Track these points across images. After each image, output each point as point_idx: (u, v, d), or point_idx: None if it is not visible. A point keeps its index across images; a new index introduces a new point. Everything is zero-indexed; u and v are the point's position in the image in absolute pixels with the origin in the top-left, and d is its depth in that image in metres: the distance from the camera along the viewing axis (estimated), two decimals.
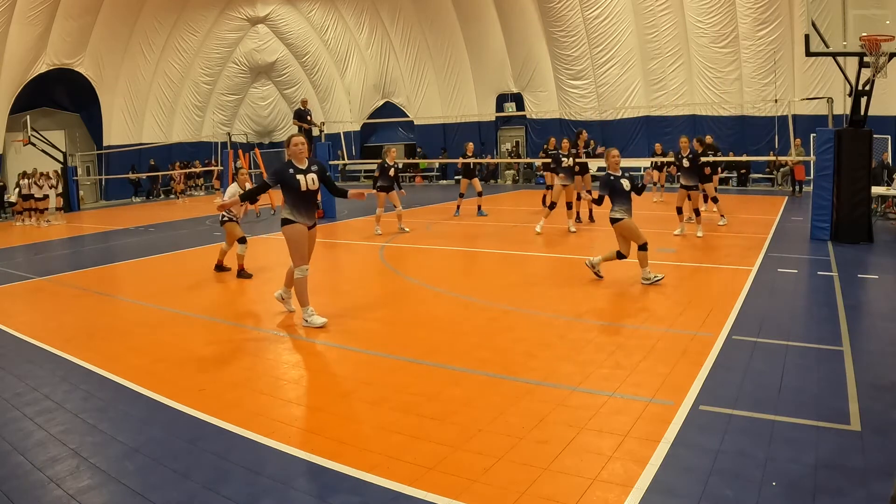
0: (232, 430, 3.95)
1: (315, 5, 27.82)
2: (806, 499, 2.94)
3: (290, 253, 6.16)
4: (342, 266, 9.85)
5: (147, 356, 5.55)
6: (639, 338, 5.45)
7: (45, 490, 3.31)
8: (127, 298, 8.07)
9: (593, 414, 3.94)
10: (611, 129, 22.33)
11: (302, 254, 6.13)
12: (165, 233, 14.53)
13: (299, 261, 6.13)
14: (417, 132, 27.35)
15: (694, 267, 8.24)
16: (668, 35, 20.44)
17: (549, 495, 3.05)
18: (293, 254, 6.15)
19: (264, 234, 13.58)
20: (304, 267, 6.16)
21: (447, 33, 25.14)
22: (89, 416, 4.28)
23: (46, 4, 21.03)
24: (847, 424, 3.66)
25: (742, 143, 19.57)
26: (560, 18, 22.07)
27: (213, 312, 7.02)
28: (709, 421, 3.77)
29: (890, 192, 11.91)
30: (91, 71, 23.98)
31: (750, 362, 4.74)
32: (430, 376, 4.78)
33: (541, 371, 4.77)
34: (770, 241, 9.94)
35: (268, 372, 5.09)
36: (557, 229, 12.12)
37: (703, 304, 6.43)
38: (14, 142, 22.21)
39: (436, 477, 3.26)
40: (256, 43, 28.38)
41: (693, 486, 3.08)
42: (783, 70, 18.08)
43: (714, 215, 12.24)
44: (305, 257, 6.17)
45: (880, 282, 7.37)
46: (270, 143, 30.32)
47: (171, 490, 3.26)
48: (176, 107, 27.20)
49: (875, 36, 9.07)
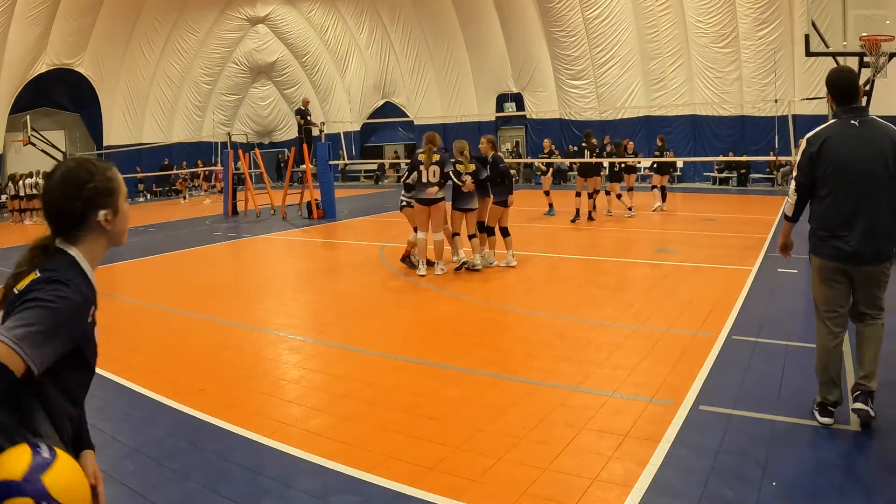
0: (232, 430, 3.95)
1: (315, 5, 27.82)
2: (806, 499, 2.94)
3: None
4: (342, 266, 9.85)
5: (147, 356, 5.56)
6: (639, 338, 5.45)
7: None
8: (127, 298, 8.07)
9: (593, 414, 3.94)
10: (611, 129, 22.24)
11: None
12: (166, 233, 14.53)
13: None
14: (417, 132, 27.36)
15: (694, 267, 8.24)
16: (668, 35, 20.43)
17: (549, 495, 3.05)
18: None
19: (264, 234, 13.59)
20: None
21: (447, 33, 25.14)
22: (89, 416, 4.22)
23: (46, 4, 21.02)
24: (847, 424, 3.66)
25: (742, 143, 19.56)
26: (560, 18, 22.07)
27: (214, 312, 7.03)
28: (709, 421, 3.77)
29: None
30: (91, 71, 23.97)
31: (750, 362, 4.74)
32: (430, 376, 4.78)
33: (541, 371, 4.77)
34: (770, 241, 9.94)
35: (268, 372, 5.10)
36: (557, 229, 12.13)
37: (703, 304, 6.43)
38: (14, 142, 22.19)
39: (436, 477, 3.26)
40: (256, 43, 28.38)
41: (693, 486, 3.08)
42: (783, 70, 18.07)
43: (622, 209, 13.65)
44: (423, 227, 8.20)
45: None
46: (270, 143, 30.32)
47: (171, 490, 3.26)
48: (176, 107, 27.19)
49: (875, 36, 9.06)
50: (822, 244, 3.63)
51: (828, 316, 3.67)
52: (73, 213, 1.59)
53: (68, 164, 1.64)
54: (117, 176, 1.68)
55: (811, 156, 3.59)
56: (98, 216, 1.61)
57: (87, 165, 1.64)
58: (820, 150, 3.56)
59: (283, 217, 15.81)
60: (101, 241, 1.65)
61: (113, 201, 1.64)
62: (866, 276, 3.56)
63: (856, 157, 3.49)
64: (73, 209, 1.59)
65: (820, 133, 3.63)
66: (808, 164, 3.61)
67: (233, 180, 17.39)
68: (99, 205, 1.61)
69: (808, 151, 3.61)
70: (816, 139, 3.61)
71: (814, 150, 3.59)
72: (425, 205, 8.07)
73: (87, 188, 1.59)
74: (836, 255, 3.56)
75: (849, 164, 3.49)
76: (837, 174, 3.52)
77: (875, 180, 3.47)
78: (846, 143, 3.53)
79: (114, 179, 1.66)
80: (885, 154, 3.47)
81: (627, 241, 10.85)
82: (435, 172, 8.03)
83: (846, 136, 3.55)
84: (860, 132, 3.54)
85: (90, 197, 1.59)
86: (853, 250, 3.49)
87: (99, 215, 1.61)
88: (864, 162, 3.48)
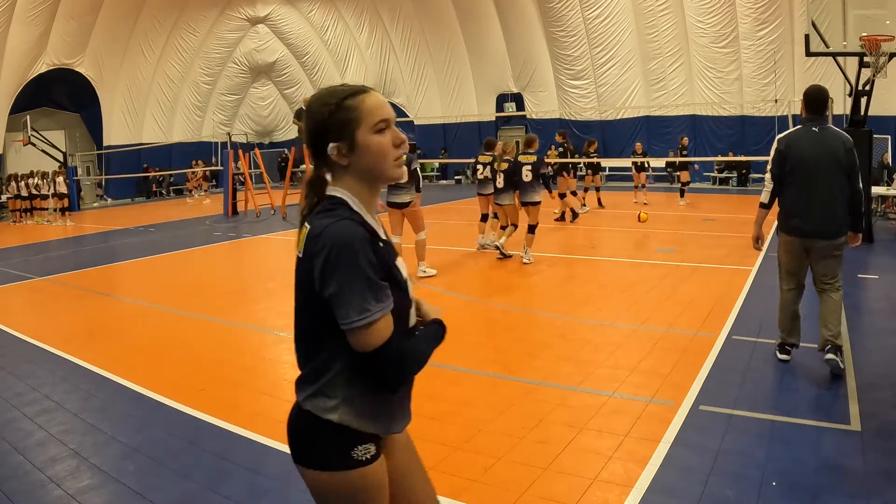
0: (232, 430, 3.95)
1: (315, 5, 27.81)
2: (806, 499, 2.94)
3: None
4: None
5: (147, 356, 5.56)
6: (639, 338, 5.45)
7: (45, 490, 3.31)
8: (127, 298, 8.07)
9: (593, 414, 3.94)
10: (611, 130, 22.33)
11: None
12: (166, 233, 14.53)
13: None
14: (417, 132, 27.36)
15: (694, 267, 8.24)
16: (668, 35, 20.42)
17: (549, 495, 3.05)
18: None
19: (264, 234, 13.59)
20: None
21: (447, 33, 25.13)
22: (89, 416, 4.29)
23: (46, 4, 21.01)
24: (847, 424, 3.66)
25: (742, 143, 19.55)
26: (560, 18, 22.05)
27: (214, 312, 7.03)
28: (709, 421, 3.77)
29: (890, 192, 11.91)
30: (91, 71, 23.96)
31: (750, 362, 4.74)
32: (430, 376, 4.77)
33: (541, 371, 4.77)
34: (770, 241, 9.94)
35: (268, 372, 5.10)
36: (557, 228, 12.13)
37: (703, 304, 6.43)
38: (14, 142, 22.19)
39: (436, 477, 3.23)
40: (256, 43, 28.35)
41: (693, 486, 3.08)
42: (783, 70, 18.06)
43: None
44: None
45: (880, 282, 7.37)
46: (270, 143, 30.31)
47: (171, 490, 3.26)
48: (176, 107, 27.17)
49: (875, 36, 9.06)
50: (786, 223, 4.54)
51: (787, 277, 4.66)
52: (312, 148, 1.51)
53: (314, 94, 1.54)
54: (359, 104, 1.49)
55: (780, 153, 4.50)
56: (330, 151, 1.48)
57: (323, 96, 1.52)
58: (787, 150, 4.46)
59: (284, 217, 15.81)
60: (353, 179, 1.51)
61: (348, 133, 1.47)
62: (821, 250, 4.44)
63: (814, 157, 4.37)
64: (311, 144, 1.50)
65: (787, 136, 4.56)
66: (779, 160, 4.51)
67: (233, 180, 17.39)
68: (329, 139, 1.48)
69: (778, 150, 4.52)
70: (784, 140, 4.53)
71: (782, 148, 4.50)
72: (397, 208, 7.97)
73: (318, 120, 1.49)
74: (798, 231, 4.46)
75: (808, 161, 4.38)
76: (799, 169, 4.41)
77: (828, 175, 4.36)
78: (807, 145, 4.41)
79: (352, 108, 1.48)
80: (837, 154, 4.35)
81: (627, 240, 10.85)
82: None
83: (808, 140, 4.43)
84: (819, 137, 4.41)
85: (321, 131, 1.48)
86: (810, 229, 4.41)
87: (330, 150, 1.48)
88: (820, 160, 4.36)
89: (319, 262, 1.42)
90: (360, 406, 1.50)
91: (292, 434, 1.57)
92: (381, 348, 1.42)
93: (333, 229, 1.41)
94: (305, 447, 1.54)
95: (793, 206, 4.47)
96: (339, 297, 1.40)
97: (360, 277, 1.39)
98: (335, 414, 1.50)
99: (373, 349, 1.42)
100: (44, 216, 19.26)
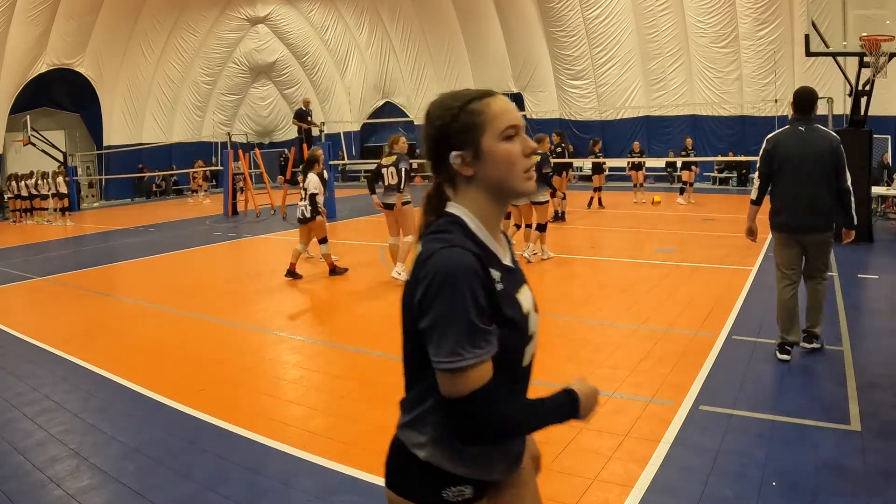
0: (232, 430, 3.95)
1: (315, 5, 27.82)
2: (806, 499, 2.94)
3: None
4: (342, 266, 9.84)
5: (147, 356, 5.56)
6: (639, 338, 5.45)
7: (45, 490, 3.31)
8: (127, 298, 8.07)
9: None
10: (611, 130, 22.32)
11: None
12: (166, 233, 14.53)
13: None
14: (417, 132, 27.31)
15: (694, 267, 8.24)
16: (668, 35, 20.42)
17: (549, 495, 3.05)
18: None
19: (264, 234, 13.59)
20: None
21: (447, 33, 25.13)
22: (89, 416, 4.29)
23: (46, 4, 21.02)
24: (847, 424, 3.66)
25: (742, 143, 19.54)
26: (560, 18, 22.06)
27: (214, 312, 7.03)
28: (709, 421, 3.77)
29: (890, 192, 11.91)
30: (91, 71, 23.97)
31: (750, 362, 4.74)
32: None
33: (541, 371, 4.75)
34: (770, 241, 9.94)
35: (268, 372, 5.10)
36: (556, 228, 12.13)
37: (703, 304, 6.43)
38: (14, 142, 22.20)
39: None
40: (256, 43, 28.37)
41: (693, 486, 3.08)
42: (783, 70, 18.06)
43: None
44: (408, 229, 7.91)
45: (880, 282, 7.37)
46: (270, 143, 30.31)
47: (171, 490, 3.26)
48: (176, 107, 27.18)
49: (875, 36, 9.06)
50: (775, 219, 4.71)
51: (784, 272, 4.75)
52: (432, 158, 1.38)
53: (434, 99, 1.40)
54: (485, 107, 1.34)
55: (768, 152, 4.66)
56: (453, 160, 1.34)
57: (445, 100, 1.38)
58: (774, 149, 4.62)
59: (284, 217, 15.81)
60: (478, 193, 1.36)
61: (472, 139, 1.33)
62: (812, 244, 4.63)
63: (800, 155, 4.52)
64: (431, 153, 1.38)
65: (775, 135, 4.72)
66: (767, 159, 4.67)
67: (233, 180, 17.38)
68: (452, 146, 1.34)
69: (766, 149, 4.68)
70: (772, 140, 4.69)
71: (770, 147, 4.66)
72: (391, 209, 7.95)
73: (438, 126, 1.35)
74: (786, 227, 4.64)
75: (794, 160, 4.54)
76: (786, 167, 4.57)
77: (815, 173, 4.50)
78: (794, 144, 4.56)
79: (477, 112, 1.33)
80: (823, 153, 4.49)
81: (627, 240, 10.86)
82: (392, 174, 7.87)
83: (795, 139, 4.58)
84: (805, 136, 4.56)
85: (442, 137, 1.35)
86: (798, 224, 4.57)
87: (452, 158, 1.34)
88: (806, 159, 4.51)
89: (420, 291, 1.28)
90: (450, 448, 1.37)
91: (388, 458, 1.50)
92: (468, 399, 1.26)
93: (440, 257, 1.27)
94: (396, 475, 1.47)
95: (780, 203, 4.65)
96: (431, 333, 1.27)
97: (458, 317, 1.24)
98: (423, 451, 1.39)
99: (456, 397, 1.27)
100: (44, 216, 19.26)
